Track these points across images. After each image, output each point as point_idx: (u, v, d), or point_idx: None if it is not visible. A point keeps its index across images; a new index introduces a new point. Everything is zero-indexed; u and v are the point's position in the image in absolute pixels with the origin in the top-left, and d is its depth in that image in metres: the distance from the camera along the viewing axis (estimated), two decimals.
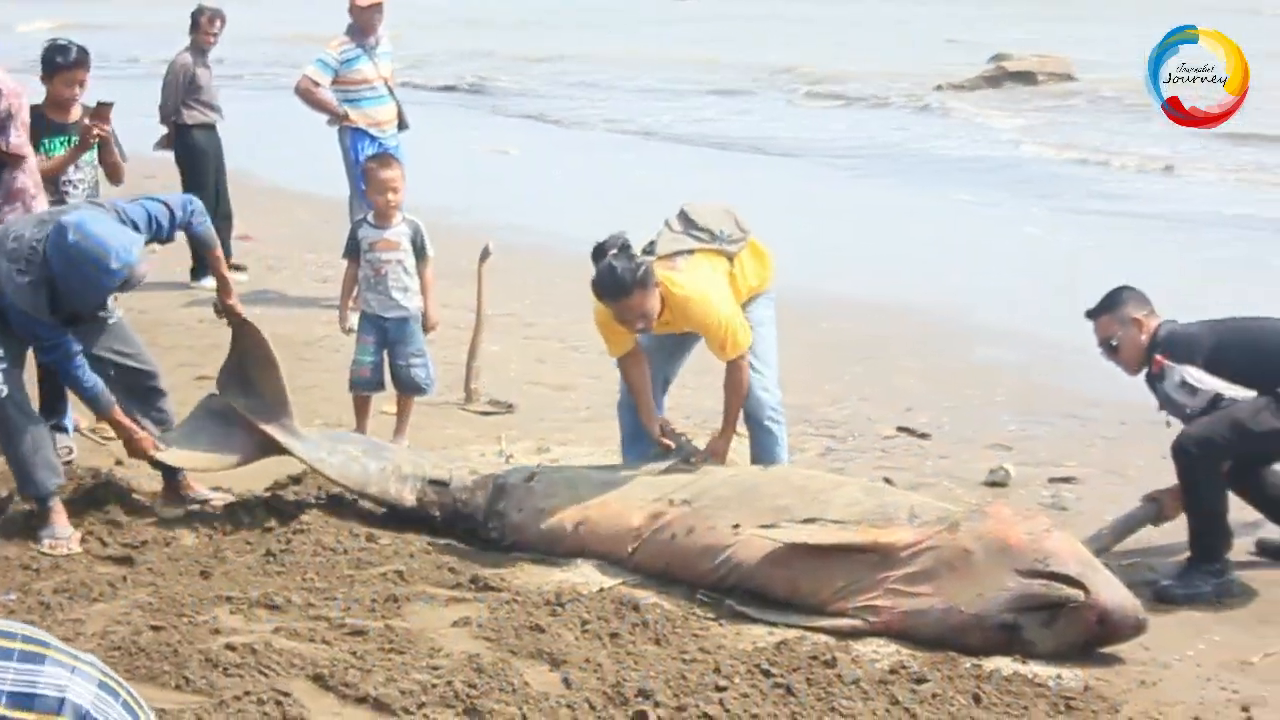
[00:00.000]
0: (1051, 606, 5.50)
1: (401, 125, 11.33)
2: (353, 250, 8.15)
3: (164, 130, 12.24)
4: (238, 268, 12.47)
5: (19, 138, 7.40)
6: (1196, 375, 6.29)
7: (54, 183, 8.08)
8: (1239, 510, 6.54)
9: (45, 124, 8.08)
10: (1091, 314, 6.72)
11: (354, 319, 8.37)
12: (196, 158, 12.11)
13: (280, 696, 4.75)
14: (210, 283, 11.78)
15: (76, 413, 7.86)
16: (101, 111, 8.14)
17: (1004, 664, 5.42)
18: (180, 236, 7.09)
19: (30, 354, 6.71)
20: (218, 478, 7.09)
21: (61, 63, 8.01)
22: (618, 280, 6.36)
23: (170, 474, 7.02)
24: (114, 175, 8.44)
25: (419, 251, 8.07)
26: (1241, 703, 5.26)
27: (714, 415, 7.27)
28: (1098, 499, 7.41)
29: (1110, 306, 6.67)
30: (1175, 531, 6.51)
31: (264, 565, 6.19)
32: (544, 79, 30.67)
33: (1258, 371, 6.31)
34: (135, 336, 7.12)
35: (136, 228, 6.60)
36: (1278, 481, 6.64)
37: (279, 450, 6.91)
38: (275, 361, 6.87)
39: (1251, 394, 6.25)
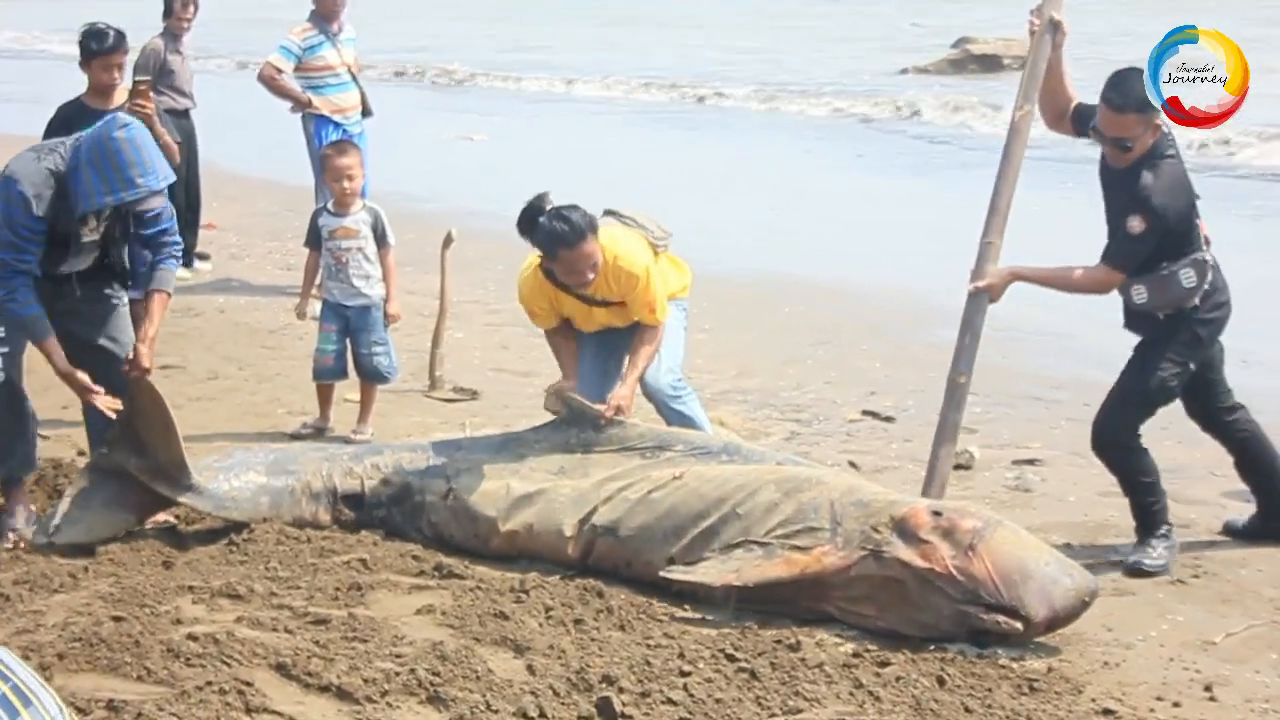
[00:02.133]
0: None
1: (365, 112, 11.30)
2: (314, 238, 8.13)
3: None
4: (202, 256, 12.43)
5: None
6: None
7: None
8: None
9: (85, 113, 7.97)
10: (1121, 107, 6.12)
11: (317, 307, 8.35)
12: None
13: (243, 686, 4.72)
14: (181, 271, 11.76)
15: None
16: (140, 90, 8.05)
17: (967, 646, 5.43)
18: None
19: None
20: None
21: (97, 48, 7.93)
22: (573, 226, 6.40)
23: None
24: (165, 157, 8.31)
25: (380, 239, 8.05)
26: (1204, 682, 5.28)
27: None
28: (1061, 480, 7.44)
29: (1146, 107, 6.09)
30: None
31: (226, 554, 6.15)
32: (510, 67, 30.60)
33: None
34: (130, 325, 6.79)
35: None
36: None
37: (179, 505, 6.55)
38: (173, 425, 6.38)
39: None
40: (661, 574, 5.88)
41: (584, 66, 29.47)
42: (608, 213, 6.97)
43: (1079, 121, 6.51)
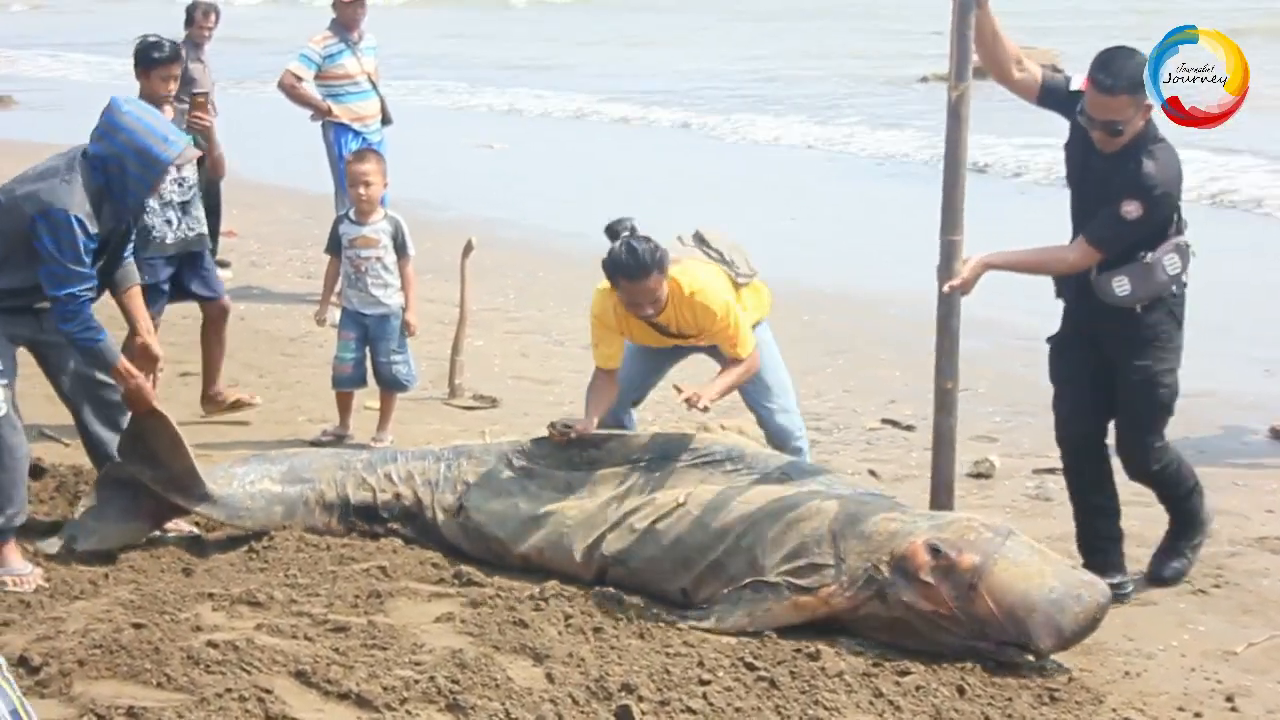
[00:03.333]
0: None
1: (385, 120, 11.33)
2: (334, 246, 8.15)
3: None
4: (222, 264, 12.44)
5: None
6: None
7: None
8: None
9: None
10: (1112, 88, 5.79)
11: (336, 314, 8.36)
12: None
13: (262, 693, 4.73)
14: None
15: None
16: (199, 103, 8.08)
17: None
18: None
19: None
20: None
21: (158, 58, 7.95)
22: (638, 259, 6.18)
23: None
24: (216, 168, 8.29)
25: (400, 248, 8.06)
26: (1226, 693, 5.27)
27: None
28: None
29: (1138, 88, 5.78)
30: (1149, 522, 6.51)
31: (246, 562, 6.17)
32: (529, 81, 30.61)
33: None
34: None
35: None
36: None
37: (193, 514, 6.56)
38: (179, 436, 6.37)
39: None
40: (678, 624, 5.79)
41: (602, 79, 29.45)
42: (697, 237, 6.79)
43: (1048, 96, 6.17)
